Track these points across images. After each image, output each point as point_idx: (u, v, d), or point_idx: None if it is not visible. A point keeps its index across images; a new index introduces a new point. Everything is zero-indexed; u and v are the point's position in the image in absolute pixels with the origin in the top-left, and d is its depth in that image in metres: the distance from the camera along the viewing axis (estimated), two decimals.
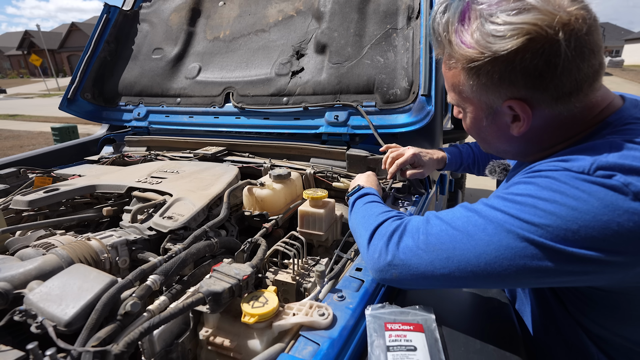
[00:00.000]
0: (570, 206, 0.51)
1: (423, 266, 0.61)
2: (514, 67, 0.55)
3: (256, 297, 0.66)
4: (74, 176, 1.38)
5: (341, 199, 1.34)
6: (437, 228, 0.62)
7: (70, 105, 2.01)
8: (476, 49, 0.58)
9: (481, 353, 0.62)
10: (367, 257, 0.71)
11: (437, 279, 0.61)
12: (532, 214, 0.53)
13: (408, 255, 0.63)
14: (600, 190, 0.50)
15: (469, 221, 0.60)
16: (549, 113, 0.59)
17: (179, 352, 0.66)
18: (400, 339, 0.59)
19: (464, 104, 0.69)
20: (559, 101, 0.57)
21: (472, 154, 1.21)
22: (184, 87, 1.88)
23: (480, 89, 0.62)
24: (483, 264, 0.56)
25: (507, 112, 0.62)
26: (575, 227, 0.50)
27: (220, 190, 1.14)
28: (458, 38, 0.61)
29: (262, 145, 1.61)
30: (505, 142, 0.69)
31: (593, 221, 0.49)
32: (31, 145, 8.05)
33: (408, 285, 0.67)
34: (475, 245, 0.57)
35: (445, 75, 0.69)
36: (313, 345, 0.58)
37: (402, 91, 1.40)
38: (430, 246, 0.61)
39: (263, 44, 1.78)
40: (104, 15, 2.08)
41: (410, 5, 1.50)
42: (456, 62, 0.62)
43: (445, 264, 0.59)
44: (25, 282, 0.69)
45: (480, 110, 0.66)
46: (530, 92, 0.57)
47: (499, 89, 0.59)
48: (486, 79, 0.59)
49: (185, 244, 0.85)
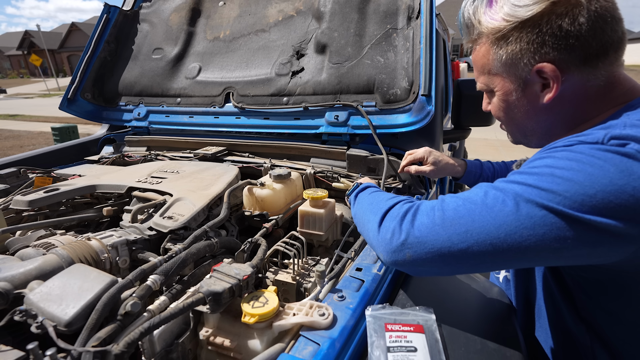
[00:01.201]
0: (587, 172, 0.52)
1: (440, 242, 0.59)
2: (540, 29, 0.60)
3: (256, 297, 0.66)
4: (74, 176, 1.38)
5: (341, 199, 1.34)
6: (454, 204, 0.61)
7: (70, 105, 2.01)
8: (504, 19, 0.63)
9: (481, 353, 0.62)
10: (378, 239, 0.67)
11: (454, 256, 0.58)
12: (550, 182, 0.54)
13: (424, 232, 0.60)
14: (614, 157, 0.52)
15: (487, 195, 0.59)
16: (577, 79, 0.62)
17: (179, 352, 0.66)
18: (400, 339, 0.59)
19: (493, 82, 0.72)
20: (587, 63, 0.60)
21: (492, 168, 1.18)
22: (184, 87, 1.88)
23: (509, 59, 0.65)
24: (503, 234, 0.55)
25: (537, 80, 0.64)
26: (592, 192, 0.51)
27: (220, 190, 1.14)
28: (487, 16, 0.66)
29: (262, 145, 1.61)
30: (533, 118, 0.70)
31: (609, 185, 0.50)
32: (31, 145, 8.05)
33: (422, 266, 0.62)
34: (495, 216, 0.56)
35: (475, 60, 0.73)
36: (313, 345, 0.58)
37: (402, 91, 1.40)
38: (447, 221, 0.60)
39: (263, 44, 1.78)
40: (104, 15, 2.08)
41: (411, 5, 1.49)
42: (486, 38, 0.68)
43: (464, 237, 0.57)
44: (26, 282, 0.69)
45: (509, 83, 0.68)
46: (558, 54, 0.60)
47: (527, 54, 0.63)
48: (514, 45, 0.64)
49: (186, 244, 0.85)
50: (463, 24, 0.73)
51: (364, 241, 0.96)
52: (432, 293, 0.77)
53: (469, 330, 0.65)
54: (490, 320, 0.73)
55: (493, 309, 0.78)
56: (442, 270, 0.63)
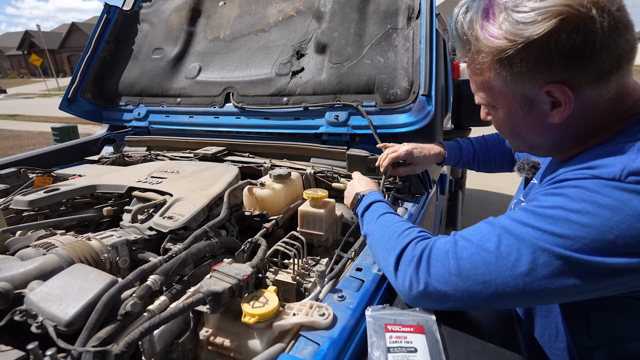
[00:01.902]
0: (604, 216, 0.49)
1: (459, 293, 0.59)
2: (549, 49, 0.54)
3: (256, 297, 0.66)
4: (74, 176, 1.38)
5: (341, 199, 1.34)
6: (468, 252, 0.59)
7: (70, 105, 2.01)
8: (507, 38, 0.56)
9: (482, 354, 0.62)
10: (398, 286, 0.67)
11: (475, 303, 0.60)
12: (566, 227, 0.51)
13: (441, 283, 0.60)
14: (633, 198, 0.49)
15: (501, 241, 0.57)
16: (589, 96, 0.57)
17: (179, 352, 0.66)
18: (400, 340, 0.59)
19: (495, 100, 0.66)
20: (600, 80, 0.55)
21: (472, 149, 1.20)
22: (184, 87, 1.88)
23: (514, 79, 0.59)
24: (522, 284, 0.54)
25: (546, 99, 0.59)
26: (611, 238, 0.49)
27: (220, 190, 1.14)
28: (485, 33, 0.59)
29: (262, 145, 1.61)
30: (541, 135, 0.66)
31: (629, 230, 0.48)
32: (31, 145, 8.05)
33: (444, 308, 0.64)
34: (512, 267, 0.55)
35: (473, 72, 0.66)
36: (313, 345, 0.58)
37: (402, 91, 1.40)
38: (463, 272, 0.59)
39: (263, 44, 1.78)
40: (104, 15, 2.08)
41: (411, 5, 1.49)
42: (486, 56, 0.60)
43: (483, 287, 0.57)
44: (26, 282, 0.69)
45: (515, 102, 0.63)
46: (570, 74, 0.55)
47: (535, 75, 0.57)
48: (521, 67, 0.57)
49: (186, 244, 0.85)
50: (456, 37, 0.65)
51: (364, 241, 0.96)
52: None
53: (469, 331, 0.65)
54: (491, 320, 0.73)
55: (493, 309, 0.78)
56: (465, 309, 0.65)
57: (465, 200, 4.23)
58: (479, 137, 1.25)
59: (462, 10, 0.63)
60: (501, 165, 1.20)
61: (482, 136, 1.24)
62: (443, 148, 1.20)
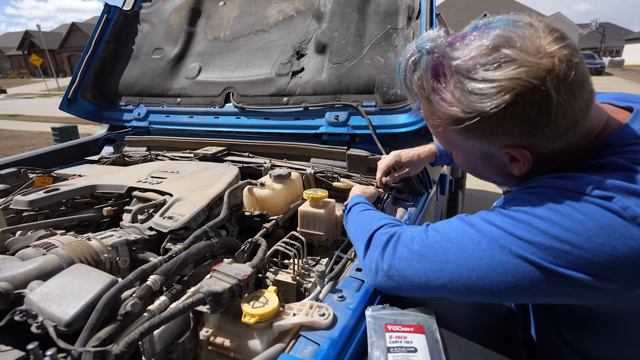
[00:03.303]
0: (565, 226, 0.49)
1: (417, 277, 0.61)
2: (505, 120, 0.52)
3: (256, 297, 0.66)
4: (74, 176, 1.38)
5: (341, 199, 1.34)
6: (432, 239, 0.62)
7: (70, 105, 2.01)
8: (459, 107, 0.54)
9: (482, 354, 0.62)
10: (365, 268, 0.72)
11: (431, 290, 0.61)
12: (527, 231, 0.52)
13: (403, 266, 0.63)
14: (596, 212, 0.48)
15: (464, 234, 0.58)
16: (548, 151, 0.56)
17: (179, 352, 0.66)
18: (400, 340, 0.59)
19: (454, 149, 0.67)
20: (557, 140, 0.54)
21: None
22: (184, 87, 1.88)
23: (471, 139, 0.58)
24: (475, 277, 0.55)
25: (504, 155, 0.59)
26: (567, 248, 0.48)
27: (220, 190, 1.14)
28: (437, 96, 0.57)
29: (262, 145, 1.61)
30: (504, 178, 0.66)
31: (587, 243, 0.48)
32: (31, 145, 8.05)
33: (406, 294, 0.67)
34: (468, 258, 0.56)
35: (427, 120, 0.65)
36: (313, 345, 0.58)
37: (402, 91, 1.40)
38: (424, 257, 0.61)
39: (263, 44, 1.78)
40: (104, 16, 2.08)
41: (411, 5, 1.49)
42: (441, 121, 0.59)
43: (439, 275, 0.59)
44: (26, 282, 0.69)
45: (473, 155, 0.63)
46: (526, 139, 0.55)
47: (492, 141, 0.57)
48: (476, 134, 0.56)
49: (186, 244, 0.85)
50: (406, 91, 0.64)
51: None
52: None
53: (469, 331, 0.65)
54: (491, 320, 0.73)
55: (493, 309, 0.78)
56: (426, 296, 0.66)
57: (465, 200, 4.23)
58: None
59: (410, 66, 0.60)
60: None
61: None
62: (434, 148, 1.21)
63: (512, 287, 0.53)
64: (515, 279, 0.52)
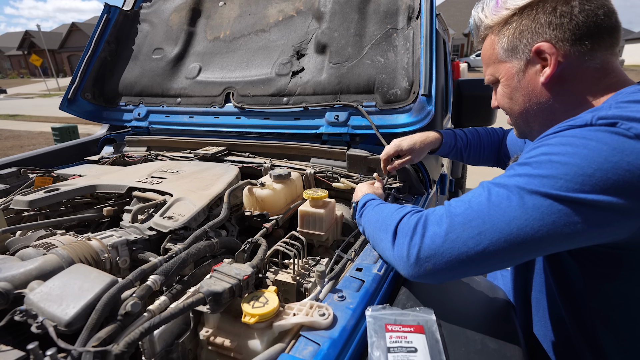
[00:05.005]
0: (582, 154, 0.53)
1: (457, 249, 0.59)
2: (537, 12, 0.67)
3: (256, 297, 0.66)
4: (74, 176, 1.38)
5: (341, 199, 1.34)
6: (461, 208, 0.62)
7: (70, 105, 2.01)
8: (505, 8, 0.72)
9: (482, 354, 0.62)
10: (395, 257, 0.68)
11: (473, 260, 0.59)
12: (549, 168, 0.55)
13: (438, 243, 0.61)
14: (605, 136, 0.53)
15: (491, 194, 0.60)
16: (574, 59, 0.66)
17: (179, 352, 0.66)
18: (400, 340, 0.59)
19: (498, 70, 0.78)
20: (581, 42, 0.65)
21: (465, 137, 1.23)
22: (184, 87, 1.88)
23: (510, 42, 0.72)
24: (515, 229, 0.56)
25: (537, 61, 0.70)
26: (590, 171, 0.52)
27: (220, 190, 1.14)
28: (492, 12, 0.75)
29: (263, 145, 1.61)
30: (534, 100, 0.73)
31: (605, 163, 0.52)
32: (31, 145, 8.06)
33: (444, 275, 0.63)
34: (503, 213, 0.57)
35: (483, 54, 0.81)
36: (313, 345, 0.58)
37: (402, 91, 1.40)
38: (458, 227, 0.60)
39: (263, 44, 1.78)
40: (104, 16, 2.08)
41: (411, 5, 1.49)
42: (491, 30, 0.76)
43: (479, 240, 0.58)
44: (26, 282, 0.69)
45: (512, 66, 0.74)
46: (554, 32, 0.66)
47: (526, 36, 0.70)
48: (514, 29, 0.71)
49: (186, 244, 0.85)
50: (474, 26, 0.81)
51: (364, 241, 0.96)
52: (432, 293, 0.77)
53: (470, 331, 0.65)
54: (491, 320, 0.73)
55: (493, 308, 0.78)
56: (465, 274, 0.64)
57: None
58: (470, 128, 1.28)
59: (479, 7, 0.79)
60: (489, 157, 1.24)
61: (474, 127, 1.29)
62: (439, 134, 1.21)
63: (551, 230, 0.54)
64: (552, 218, 0.54)
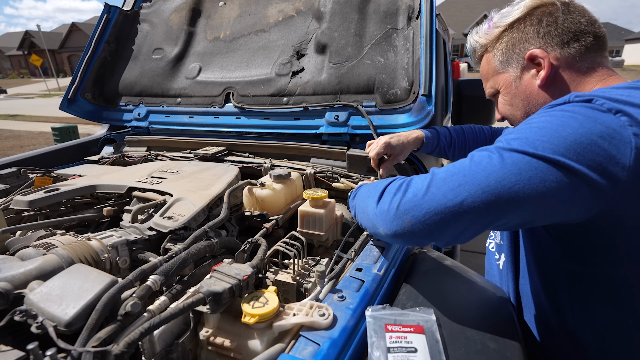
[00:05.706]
0: (559, 122, 0.59)
1: (436, 200, 0.62)
2: (525, 27, 0.77)
3: (256, 297, 0.66)
4: (74, 176, 1.38)
5: (341, 199, 1.34)
6: (444, 168, 0.66)
7: (70, 106, 2.01)
8: (496, 26, 0.83)
9: (482, 354, 0.62)
10: (377, 213, 0.71)
11: (451, 212, 0.60)
12: (528, 132, 0.61)
13: (419, 196, 0.64)
14: (582, 108, 0.59)
15: (474, 155, 0.65)
16: (564, 61, 0.74)
17: (179, 353, 0.66)
18: (400, 340, 0.59)
19: (497, 81, 0.86)
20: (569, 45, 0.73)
21: (450, 136, 1.25)
22: (184, 87, 1.88)
23: (504, 54, 0.82)
24: (493, 182, 0.58)
25: (531, 67, 0.78)
26: (565, 134, 0.57)
27: (220, 190, 1.14)
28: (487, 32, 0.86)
29: (262, 145, 1.61)
30: (533, 103, 0.79)
31: (580, 128, 0.57)
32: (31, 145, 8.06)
33: (422, 231, 0.64)
34: (483, 168, 0.61)
35: (482, 71, 0.90)
36: (313, 345, 0.58)
37: (402, 91, 1.40)
38: (439, 181, 0.63)
39: (263, 44, 1.78)
40: (104, 16, 2.08)
41: (411, 6, 1.49)
42: (486, 49, 0.87)
43: (458, 191, 0.60)
44: (26, 282, 0.69)
45: (509, 76, 0.82)
46: (542, 40, 0.75)
47: (518, 45, 0.79)
48: (506, 42, 0.81)
49: (186, 244, 0.85)
50: (471, 50, 0.91)
51: (364, 241, 0.96)
52: (432, 293, 0.77)
53: (470, 331, 0.65)
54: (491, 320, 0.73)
55: (493, 308, 0.78)
56: (442, 234, 0.64)
57: None
58: (456, 126, 1.30)
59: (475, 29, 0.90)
60: None
61: (460, 126, 1.30)
62: (421, 133, 1.22)
63: (527, 186, 0.57)
64: (528, 174, 0.57)
